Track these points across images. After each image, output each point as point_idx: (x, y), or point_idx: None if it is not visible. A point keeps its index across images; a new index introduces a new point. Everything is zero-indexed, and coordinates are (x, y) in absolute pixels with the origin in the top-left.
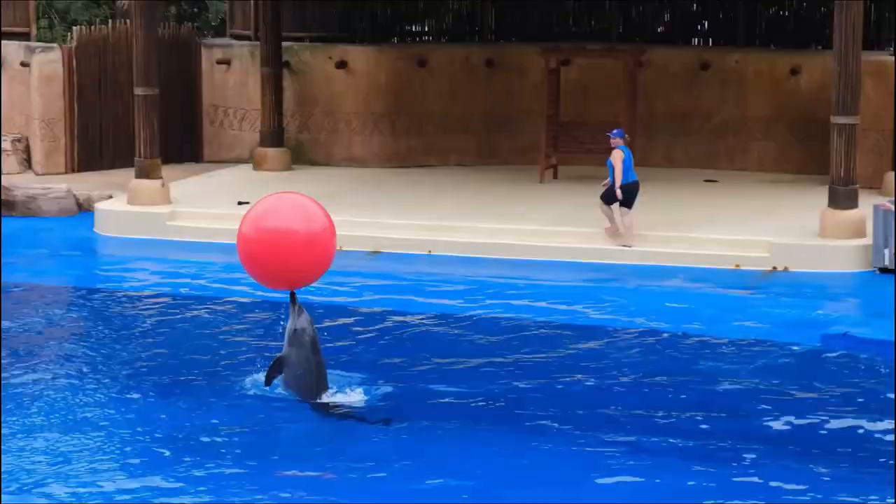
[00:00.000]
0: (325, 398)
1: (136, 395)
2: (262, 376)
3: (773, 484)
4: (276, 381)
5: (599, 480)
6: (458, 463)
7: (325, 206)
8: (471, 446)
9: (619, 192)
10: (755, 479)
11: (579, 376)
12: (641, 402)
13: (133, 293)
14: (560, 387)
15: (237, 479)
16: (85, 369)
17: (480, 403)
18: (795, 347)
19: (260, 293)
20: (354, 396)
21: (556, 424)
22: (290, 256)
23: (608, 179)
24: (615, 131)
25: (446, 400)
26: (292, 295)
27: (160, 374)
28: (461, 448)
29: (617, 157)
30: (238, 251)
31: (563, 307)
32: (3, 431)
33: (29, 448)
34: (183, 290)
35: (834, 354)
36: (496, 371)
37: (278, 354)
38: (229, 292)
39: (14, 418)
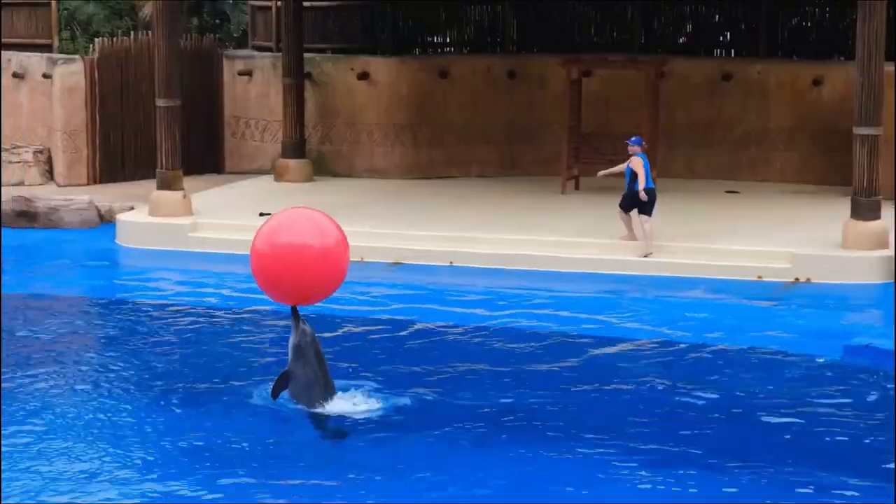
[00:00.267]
0: (339, 407)
1: (155, 405)
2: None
3: (799, 491)
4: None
5: (617, 491)
6: (477, 473)
7: (346, 217)
8: (490, 457)
9: (643, 194)
10: (775, 491)
11: (600, 386)
12: (661, 413)
13: (154, 304)
14: (580, 397)
15: (250, 489)
16: (105, 379)
17: (501, 413)
18: (818, 359)
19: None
20: (372, 405)
21: (576, 434)
22: (303, 272)
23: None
24: (633, 139)
25: (467, 410)
26: (294, 309)
27: (180, 383)
28: (481, 458)
29: (638, 163)
30: (251, 267)
31: (585, 318)
32: (22, 440)
33: (44, 455)
34: (204, 302)
35: (856, 366)
36: (517, 381)
37: (284, 369)
38: (250, 303)
39: (33, 426)
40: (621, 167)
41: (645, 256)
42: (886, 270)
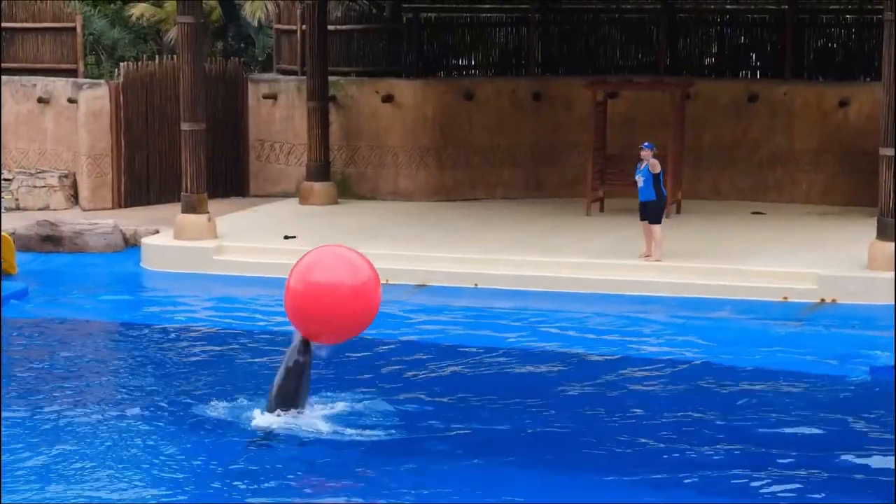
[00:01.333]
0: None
1: (178, 427)
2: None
3: None
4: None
5: None
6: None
7: (371, 239)
8: (506, 479)
9: (664, 189)
10: None
11: (626, 409)
12: (685, 435)
13: (179, 328)
14: (604, 419)
15: None
16: (128, 402)
17: (523, 434)
18: (844, 380)
19: None
20: (390, 425)
21: (596, 455)
22: (336, 310)
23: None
24: (648, 144)
25: (490, 430)
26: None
27: (203, 406)
28: (496, 479)
29: (657, 164)
30: (287, 305)
31: (609, 339)
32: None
33: (61, 477)
34: (229, 325)
35: (882, 387)
36: (541, 402)
37: (274, 388)
38: (276, 326)
39: (53, 449)
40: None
41: (657, 261)
42: None
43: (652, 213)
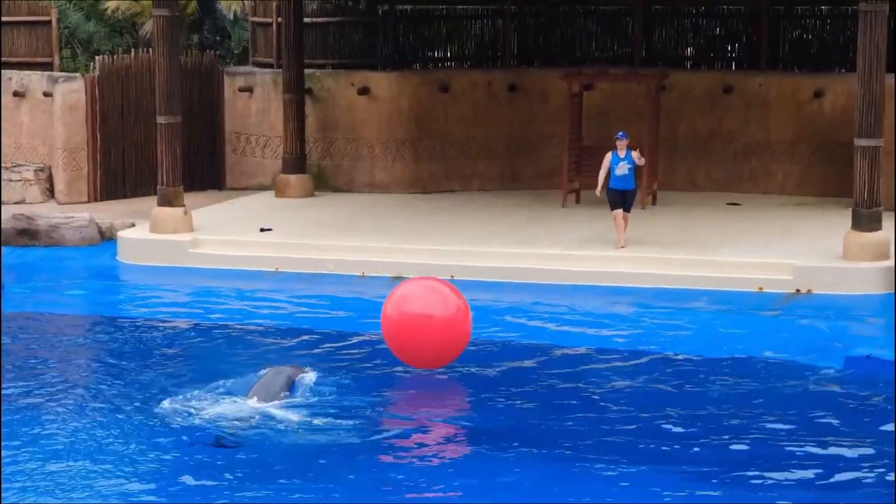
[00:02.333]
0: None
1: (152, 421)
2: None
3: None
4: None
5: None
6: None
7: (347, 232)
8: (473, 473)
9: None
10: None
11: (598, 401)
12: (658, 425)
13: (155, 321)
14: (578, 410)
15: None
16: (103, 395)
17: (498, 429)
18: (818, 370)
19: (285, 320)
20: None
21: (565, 446)
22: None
23: (626, 168)
24: (622, 133)
25: (461, 423)
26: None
27: (179, 398)
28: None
29: (641, 157)
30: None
31: (586, 331)
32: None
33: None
34: (205, 318)
35: (857, 376)
36: (514, 394)
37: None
38: (251, 317)
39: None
40: (605, 164)
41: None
42: (887, 281)
43: (631, 201)
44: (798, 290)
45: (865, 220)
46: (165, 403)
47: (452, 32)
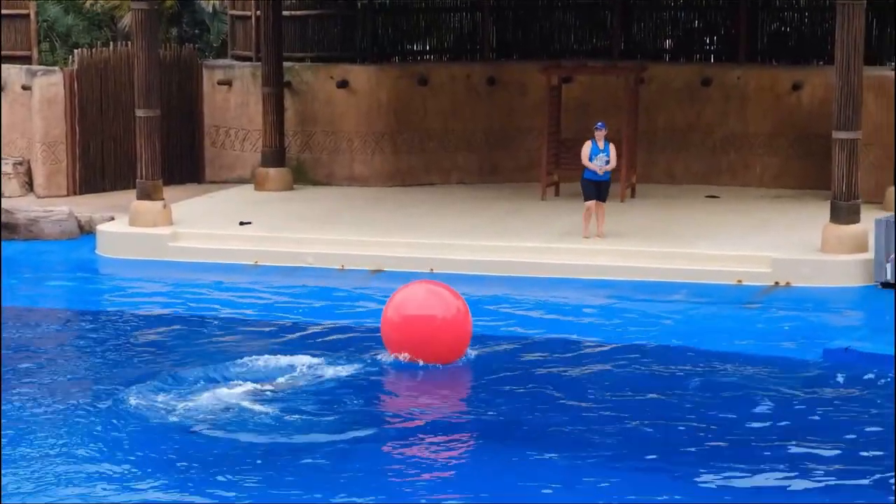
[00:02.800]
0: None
1: (131, 414)
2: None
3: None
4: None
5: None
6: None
7: (326, 225)
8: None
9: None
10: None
11: (575, 393)
12: (637, 418)
13: (135, 314)
14: (560, 403)
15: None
16: (83, 388)
17: (478, 420)
18: (797, 362)
19: (264, 312)
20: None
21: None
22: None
23: (602, 161)
24: (601, 123)
25: (441, 414)
26: None
27: (159, 391)
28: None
29: (614, 156)
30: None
31: (565, 323)
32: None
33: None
34: (184, 311)
35: (835, 369)
36: (497, 388)
37: None
38: (232, 309)
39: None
40: (585, 153)
41: (598, 237)
42: (865, 274)
43: (606, 192)
44: (777, 283)
45: (844, 213)
46: (142, 395)
47: (431, 25)
